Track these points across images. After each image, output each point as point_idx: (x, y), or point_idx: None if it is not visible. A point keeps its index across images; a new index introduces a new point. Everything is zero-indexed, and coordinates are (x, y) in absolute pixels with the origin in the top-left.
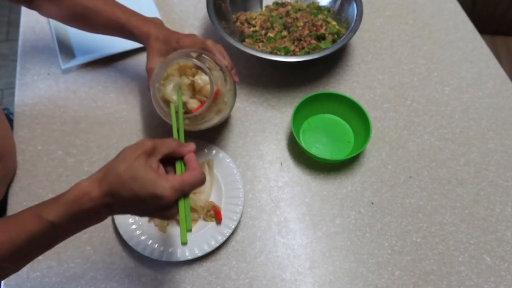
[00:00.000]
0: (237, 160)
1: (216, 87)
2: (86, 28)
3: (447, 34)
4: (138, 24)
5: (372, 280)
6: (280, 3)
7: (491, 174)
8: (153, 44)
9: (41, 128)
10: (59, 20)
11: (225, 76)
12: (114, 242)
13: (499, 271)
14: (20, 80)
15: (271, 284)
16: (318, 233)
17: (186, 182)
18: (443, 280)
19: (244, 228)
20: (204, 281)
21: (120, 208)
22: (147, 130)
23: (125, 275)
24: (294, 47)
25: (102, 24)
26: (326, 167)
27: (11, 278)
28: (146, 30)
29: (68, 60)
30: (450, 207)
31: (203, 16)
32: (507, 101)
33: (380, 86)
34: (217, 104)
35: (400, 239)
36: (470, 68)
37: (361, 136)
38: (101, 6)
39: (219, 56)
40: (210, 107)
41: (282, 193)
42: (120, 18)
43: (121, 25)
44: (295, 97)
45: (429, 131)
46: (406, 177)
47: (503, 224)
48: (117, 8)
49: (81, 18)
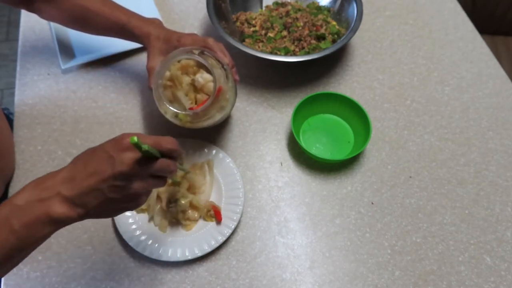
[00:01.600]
0: (237, 160)
1: (218, 84)
2: (86, 30)
3: (447, 34)
4: (139, 25)
5: (372, 280)
6: (280, 3)
7: (491, 174)
8: (154, 44)
9: (41, 128)
10: (59, 22)
11: (227, 73)
12: (114, 242)
13: (499, 271)
14: (20, 80)
15: (271, 284)
16: (318, 233)
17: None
18: (443, 280)
19: (244, 228)
20: (204, 281)
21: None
22: (147, 130)
23: (125, 275)
24: (294, 47)
25: (102, 26)
26: (326, 167)
27: (11, 278)
28: (147, 30)
29: (68, 60)
30: (450, 207)
31: (203, 16)
32: (507, 101)
33: (380, 86)
34: (219, 101)
35: (400, 239)
36: (470, 68)
37: (361, 136)
38: (101, 8)
39: (220, 54)
40: (213, 104)
41: (282, 193)
42: (120, 19)
43: (121, 26)
44: (295, 97)
45: (429, 131)
46: (406, 177)
47: (503, 224)
48: (117, 9)
49: (81, 20)
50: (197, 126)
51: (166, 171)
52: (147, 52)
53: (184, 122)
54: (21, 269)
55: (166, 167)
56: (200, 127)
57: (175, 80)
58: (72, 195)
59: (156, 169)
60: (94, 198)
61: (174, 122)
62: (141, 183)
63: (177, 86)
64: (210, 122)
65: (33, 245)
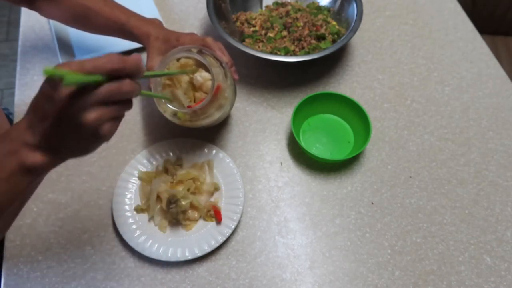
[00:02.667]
0: (237, 160)
1: (217, 82)
2: (86, 29)
3: (447, 34)
4: (138, 24)
5: (372, 280)
6: (280, 3)
7: (491, 174)
8: (153, 43)
9: None
10: (59, 20)
11: (225, 72)
12: (114, 242)
13: (499, 271)
14: (20, 80)
15: (271, 284)
16: (318, 233)
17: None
18: (443, 280)
19: (244, 228)
20: (204, 281)
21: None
22: (147, 130)
23: (125, 275)
24: (294, 47)
25: (102, 25)
26: (326, 167)
27: (11, 278)
28: (146, 30)
29: (68, 60)
30: (450, 207)
31: (203, 16)
32: (507, 101)
33: (380, 86)
34: (218, 99)
35: (400, 239)
36: (470, 68)
37: (361, 136)
38: (101, 7)
39: (219, 52)
40: (211, 102)
41: (282, 193)
42: (120, 18)
43: (120, 25)
44: (295, 97)
45: (429, 131)
46: (406, 177)
47: (503, 224)
48: (117, 9)
49: (81, 19)
50: (196, 124)
51: (119, 94)
52: (147, 52)
53: (183, 121)
54: (21, 269)
55: (116, 90)
56: (199, 125)
57: (174, 79)
58: (37, 141)
59: (104, 96)
60: (55, 138)
61: (173, 121)
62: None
63: (176, 85)
64: (209, 120)
65: (17, 197)
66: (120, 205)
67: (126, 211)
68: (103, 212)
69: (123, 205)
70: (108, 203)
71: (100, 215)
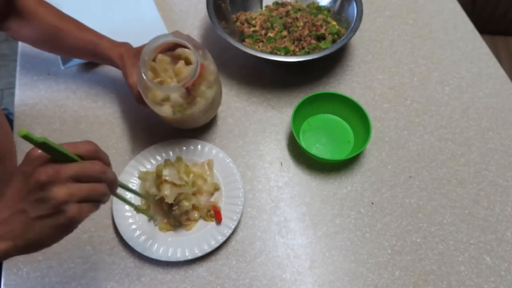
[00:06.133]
0: (237, 160)
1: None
2: (57, 51)
3: (447, 34)
4: (110, 46)
5: (372, 280)
6: (280, 3)
7: (491, 174)
8: (127, 61)
9: (41, 128)
10: (30, 42)
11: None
12: (114, 242)
13: (499, 271)
14: (20, 80)
15: (271, 284)
16: (318, 233)
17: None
18: (443, 280)
19: (244, 228)
20: (204, 281)
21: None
22: (146, 130)
23: (125, 275)
24: (294, 47)
25: (73, 46)
26: (326, 167)
27: (11, 278)
28: (119, 51)
29: (68, 60)
30: (450, 207)
31: (203, 16)
32: (507, 101)
33: (380, 86)
34: (205, 77)
35: (400, 239)
36: (470, 68)
37: (361, 136)
38: (72, 28)
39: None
40: (200, 80)
41: (282, 193)
42: (92, 40)
43: (93, 46)
44: (295, 97)
45: (429, 131)
46: (406, 177)
47: (503, 224)
48: (89, 31)
49: (52, 39)
50: (191, 111)
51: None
52: (123, 72)
53: (177, 108)
54: (21, 269)
55: (89, 168)
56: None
57: (156, 69)
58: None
59: (76, 171)
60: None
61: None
62: (62, 188)
63: (160, 74)
64: (204, 102)
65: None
66: (120, 205)
67: (126, 211)
68: (103, 212)
69: (123, 205)
70: (108, 203)
71: (100, 215)
